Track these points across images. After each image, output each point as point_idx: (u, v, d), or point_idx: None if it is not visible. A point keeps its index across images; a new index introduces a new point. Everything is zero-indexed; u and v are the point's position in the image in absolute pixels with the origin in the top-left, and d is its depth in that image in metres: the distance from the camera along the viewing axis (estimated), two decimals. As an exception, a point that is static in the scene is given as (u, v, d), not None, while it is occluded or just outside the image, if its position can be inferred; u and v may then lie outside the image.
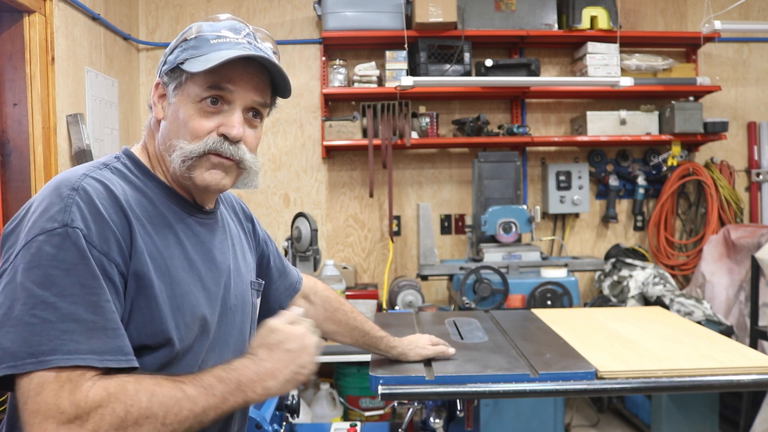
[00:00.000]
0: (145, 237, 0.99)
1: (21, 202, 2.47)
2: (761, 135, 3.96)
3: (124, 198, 0.99)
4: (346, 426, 2.39)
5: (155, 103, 1.10)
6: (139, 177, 1.07)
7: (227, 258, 1.17)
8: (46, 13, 2.56)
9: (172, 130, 1.05)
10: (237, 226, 1.30)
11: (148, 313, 0.97)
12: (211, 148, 1.04)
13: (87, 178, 0.97)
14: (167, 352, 1.00)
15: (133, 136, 3.57)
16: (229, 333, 1.15)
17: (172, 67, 1.06)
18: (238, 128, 1.05)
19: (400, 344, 1.61)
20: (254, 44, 1.08)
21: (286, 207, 3.85)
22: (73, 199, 0.92)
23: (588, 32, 3.61)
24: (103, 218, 0.93)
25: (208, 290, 1.09)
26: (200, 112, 1.04)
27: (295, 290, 1.49)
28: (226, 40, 1.05)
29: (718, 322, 2.98)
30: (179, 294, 1.02)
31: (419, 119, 3.68)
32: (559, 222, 3.95)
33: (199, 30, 1.07)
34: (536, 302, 2.90)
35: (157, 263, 1.00)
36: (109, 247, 0.93)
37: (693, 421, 2.71)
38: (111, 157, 1.09)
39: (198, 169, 1.05)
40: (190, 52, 1.04)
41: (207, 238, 1.13)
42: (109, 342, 0.89)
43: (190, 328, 1.03)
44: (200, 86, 1.03)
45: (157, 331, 0.98)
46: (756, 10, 3.97)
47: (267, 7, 3.82)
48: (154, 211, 1.04)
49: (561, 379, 1.52)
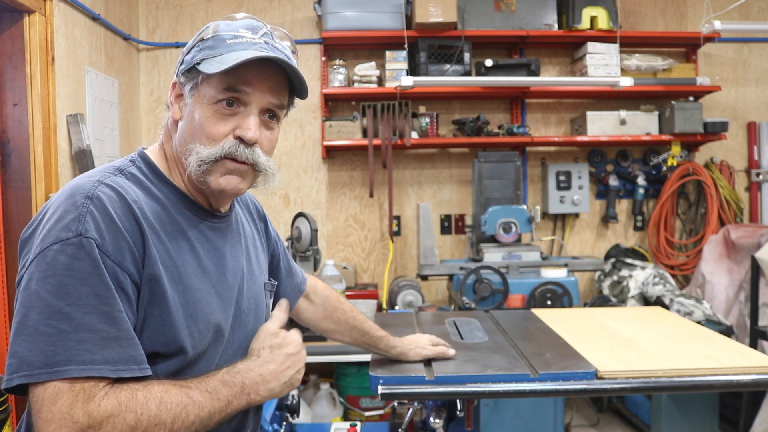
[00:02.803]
0: (158, 245, 0.99)
1: (21, 202, 2.48)
2: (761, 135, 3.96)
3: (137, 205, 0.98)
4: (346, 426, 2.40)
5: (172, 103, 1.09)
6: (154, 182, 1.06)
7: (240, 261, 1.16)
8: (46, 13, 2.56)
9: (187, 132, 1.04)
10: (251, 227, 1.29)
11: (160, 321, 0.97)
12: (227, 153, 1.02)
13: (101, 185, 0.96)
14: (180, 359, 1.00)
15: (133, 136, 3.57)
16: (243, 336, 1.14)
17: (188, 67, 1.04)
18: (253, 131, 1.03)
19: (400, 344, 1.61)
20: (271, 44, 1.06)
21: (286, 207, 3.85)
22: (88, 207, 0.92)
23: (588, 32, 3.61)
24: (117, 227, 0.93)
25: (221, 296, 1.08)
26: (216, 114, 1.03)
27: (300, 290, 1.49)
28: (243, 40, 1.03)
29: (718, 322, 2.98)
30: (192, 302, 1.02)
31: (419, 119, 3.68)
32: (559, 222, 3.95)
33: (216, 29, 1.05)
34: (536, 302, 2.90)
35: (170, 271, 1.00)
36: (123, 256, 0.93)
37: (693, 421, 2.71)
38: (126, 161, 1.08)
39: (213, 174, 1.04)
40: (206, 52, 1.03)
41: (220, 243, 1.12)
42: (122, 351, 0.90)
43: (204, 335, 1.03)
44: (216, 88, 1.02)
45: (170, 339, 0.98)
46: (756, 10, 3.98)
47: (267, 7, 3.82)
48: (167, 217, 1.04)
49: (561, 379, 1.52)
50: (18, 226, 2.46)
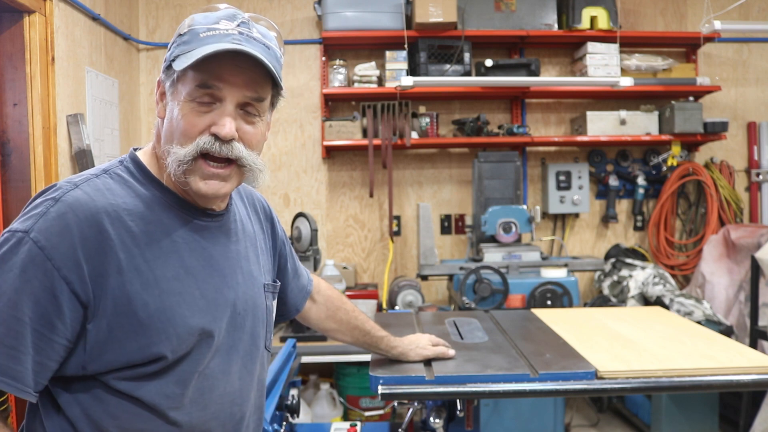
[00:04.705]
0: (133, 249, 0.97)
1: (21, 202, 2.47)
2: (761, 135, 3.96)
3: (112, 209, 0.97)
4: (346, 426, 2.39)
5: (157, 102, 1.07)
6: (141, 182, 1.04)
7: (235, 262, 1.13)
8: (46, 13, 2.56)
9: (167, 131, 1.01)
10: (256, 226, 1.26)
11: (130, 329, 0.96)
12: (203, 149, 0.98)
13: (75, 189, 0.97)
14: (161, 364, 0.99)
15: (133, 136, 3.57)
16: (239, 338, 1.12)
17: (167, 64, 1.02)
18: (228, 127, 0.98)
19: (400, 344, 1.61)
20: (247, 34, 1.00)
21: (286, 207, 3.85)
22: (48, 209, 0.94)
23: (588, 32, 3.61)
24: (70, 234, 0.93)
25: (206, 297, 1.05)
26: (192, 112, 0.99)
27: (307, 291, 1.48)
28: (216, 32, 0.98)
29: (718, 322, 2.98)
30: (169, 306, 0.99)
31: (419, 119, 3.68)
32: (559, 222, 3.95)
33: (192, 23, 1.01)
34: (536, 302, 2.90)
35: (144, 275, 0.98)
36: (65, 263, 0.92)
37: (693, 421, 2.72)
38: (115, 162, 1.07)
39: (193, 176, 1.01)
40: (181, 48, 0.99)
41: (209, 243, 1.09)
42: (7, 363, 0.91)
43: (184, 339, 1.01)
44: (189, 84, 0.98)
45: (143, 346, 0.97)
46: (756, 10, 3.97)
47: (267, 7, 3.82)
48: (151, 216, 1.01)
49: (561, 379, 1.52)
50: (18, 226, 2.46)
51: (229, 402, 1.10)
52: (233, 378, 1.10)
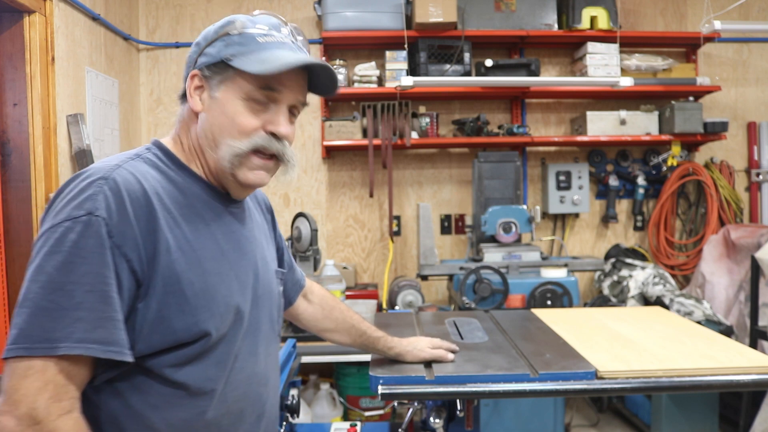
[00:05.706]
0: (175, 229, 1.00)
1: (21, 202, 2.47)
2: (761, 135, 3.96)
3: (154, 190, 1.00)
4: (346, 426, 2.39)
5: (191, 94, 1.09)
6: (171, 168, 1.08)
7: (255, 247, 1.18)
8: (46, 13, 2.56)
9: (216, 125, 1.06)
10: (260, 216, 1.31)
11: (178, 308, 0.98)
12: (258, 146, 1.06)
13: (119, 168, 0.99)
14: (203, 343, 1.01)
15: (133, 136, 3.57)
16: (261, 320, 1.16)
17: (215, 61, 1.05)
18: (286, 127, 1.08)
19: (398, 345, 1.61)
20: (296, 42, 1.11)
21: (286, 207, 3.85)
22: (102, 188, 0.94)
23: (588, 32, 3.61)
24: (126, 212, 0.95)
25: (239, 279, 1.10)
26: (248, 110, 1.05)
27: (300, 286, 1.51)
28: (273, 39, 1.06)
29: (718, 322, 2.98)
30: (212, 284, 1.03)
31: (419, 119, 3.68)
32: (559, 222, 3.95)
33: (244, 26, 1.06)
34: (536, 302, 2.90)
35: (188, 255, 1.01)
36: (125, 241, 0.94)
37: (693, 421, 2.72)
38: (142, 149, 1.10)
39: (242, 168, 1.07)
40: (236, 48, 1.04)
41: (237, 227, 1.14)
42: (114, 333, 0.92)
43: (225, 317, 1.05)
44: (252, 85, 1.04)
45: (191, 324, 0.99)
46: (756, 10, 3.98)
47: (267, 7, 3.82)
48: (185, 201, 1.05)
49: (561, 379, 1.52)
50: (18, 226, 2.46)
51: (257, 383, 1.14)
52: (260, 359, 1.15)
